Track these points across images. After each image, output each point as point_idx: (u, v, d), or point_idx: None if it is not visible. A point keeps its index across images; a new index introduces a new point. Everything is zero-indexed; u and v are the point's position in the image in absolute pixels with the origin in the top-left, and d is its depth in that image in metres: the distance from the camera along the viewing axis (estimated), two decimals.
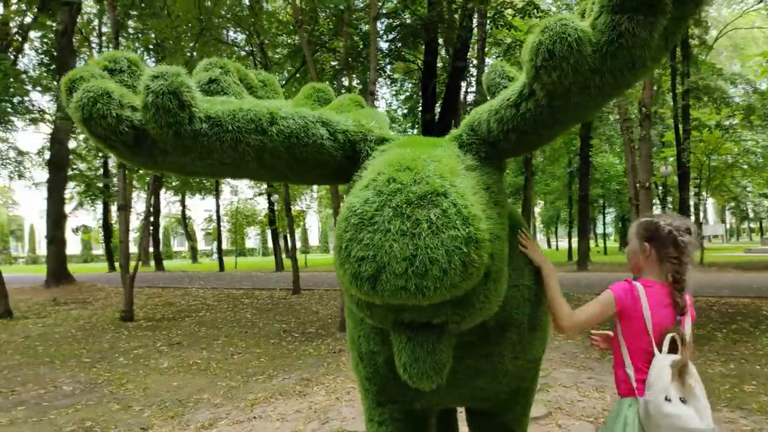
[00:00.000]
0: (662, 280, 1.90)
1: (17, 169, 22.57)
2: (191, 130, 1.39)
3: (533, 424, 4.04)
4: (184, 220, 35.66)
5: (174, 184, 29.14)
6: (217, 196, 29.24)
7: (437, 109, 14.04)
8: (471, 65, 15.21)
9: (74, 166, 23.57)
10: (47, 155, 19.74)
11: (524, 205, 18.47)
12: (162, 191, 29.95)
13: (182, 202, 34.55)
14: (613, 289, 1.89)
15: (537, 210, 41.37)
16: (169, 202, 37.67)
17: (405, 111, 19.98)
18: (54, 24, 16.53)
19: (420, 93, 14.67)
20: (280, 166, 1.50)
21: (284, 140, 1.46)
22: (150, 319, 11.37)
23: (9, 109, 15.19)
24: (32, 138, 24.00)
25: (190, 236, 38.88)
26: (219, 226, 29.95)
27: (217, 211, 29.63)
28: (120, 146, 1.44)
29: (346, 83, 15.23)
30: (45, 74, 19.01)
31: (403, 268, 1.17)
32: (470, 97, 16.88)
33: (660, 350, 1.81)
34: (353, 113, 1.85)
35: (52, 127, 18.36)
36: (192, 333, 9.58)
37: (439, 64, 14.98)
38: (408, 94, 19.47)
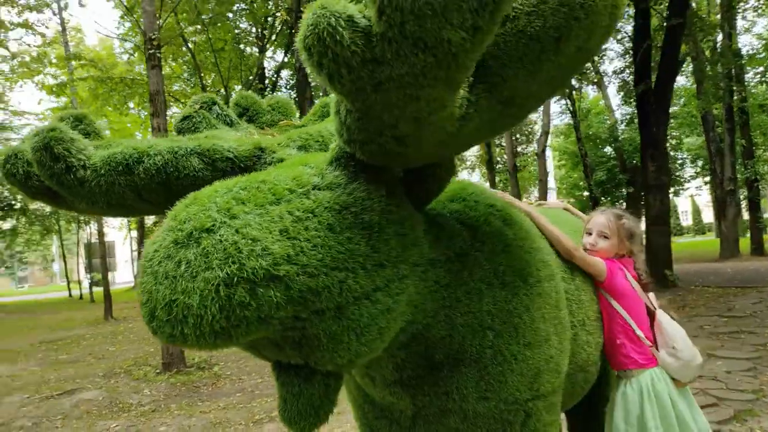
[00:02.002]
0: None
1: None
2: (74, 179, 1.50)
3: None
4: None
5: None
6: None
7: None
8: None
9: None
10: None
11: None
12: None
13: None
14: (606, 264, 2.17)
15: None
16: None
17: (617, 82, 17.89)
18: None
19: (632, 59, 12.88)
20: (162, 200, 1.52)
21: (152, 177, 1.48)
22: None
23: None
24: None
25: None
26: None
27: None
28: (40, 197, 1.66)
29: None
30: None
31: (166, 314, 1.09)
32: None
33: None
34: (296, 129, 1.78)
35: None
36: None
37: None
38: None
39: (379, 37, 0.99)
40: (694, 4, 12.47)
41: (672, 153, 26.40)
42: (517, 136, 30.53)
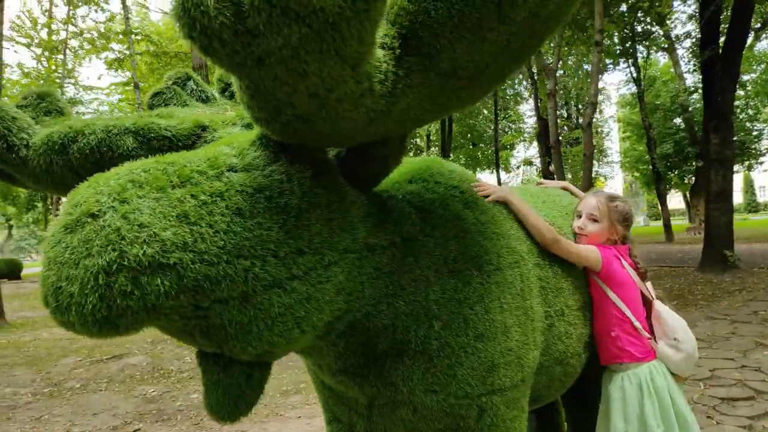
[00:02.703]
0: None
1: None
2: (16, 158, 1.50)
3: None
4: None
5: None
6: None
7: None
8: None
9: None
10: None
11: None
12: None
13: None
14: (601, 252, 2.00)
15: None
16: None
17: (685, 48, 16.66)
18: None
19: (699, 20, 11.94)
20: None
21: (87, 157, 1.46)
22: None
23: None
24: None
25: None
26: None
27: None
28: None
29: None
30: None
31: (54, 301, 1.06)
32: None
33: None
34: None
35: None
36: None
37: None
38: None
39: (249, 6, 0.90)
40: None
41: (748, 124, 24.62)
42: (566, 107, 29.34)
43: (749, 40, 12.68)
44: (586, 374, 2.14)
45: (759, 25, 13.33)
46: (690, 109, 22.16)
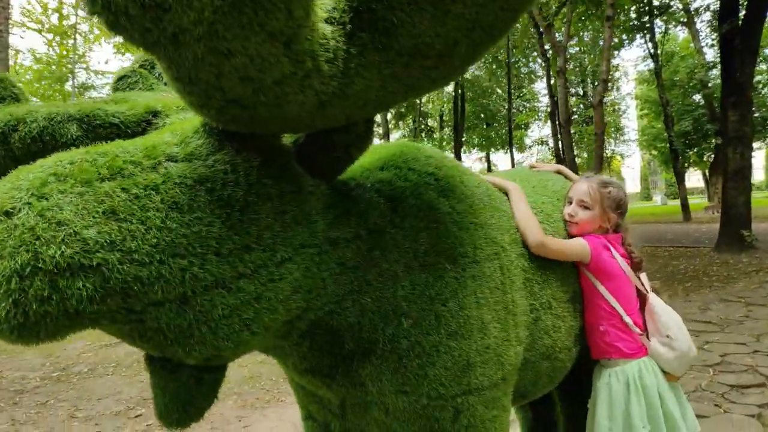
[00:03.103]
0: None
1: None
2: None
3: None
4: None
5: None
6: None
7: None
8: None
9: None
10: None
11: None
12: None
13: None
14: (588, 240, 1.89)
15: None
16: None
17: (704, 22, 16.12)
18: None
19: None
20: None
21: (29, 146, 1.37)
22: None
23: None
24: None
25: None
26: None
27: None
28: None
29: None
30: None
31: None
32: None
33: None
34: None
35: None
36: None
37: None
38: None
39: None
40: None
41: None
42: (581, 84, 28.79)
43: None
44: (581, 367, 2.03)
45: None
46: (710, 84, 21.56)
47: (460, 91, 24.95)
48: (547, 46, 16.39)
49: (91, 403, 5.17)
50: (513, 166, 29.95)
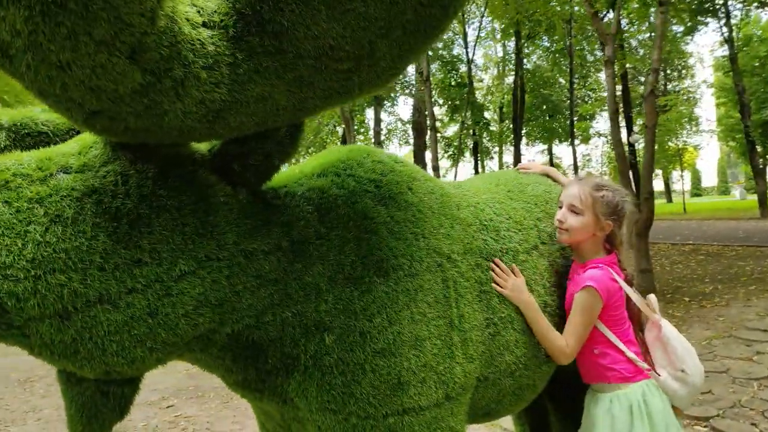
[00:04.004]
0: (602, 253, 1.82)
1: (403, 137, 26.98)
2: None
3: None
4: None
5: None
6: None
7: None
8: None
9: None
10: None
11: None
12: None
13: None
14: (595, 284, 1.68)
15: None
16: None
17: None
18: None
19: None
20: None
21: None
22: None
23: None
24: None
25: None
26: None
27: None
28: None
29: None
30: None
31: None
32: None
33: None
34: None
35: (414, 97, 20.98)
36: None
37: None
38: None
39: None
40: None
41: None
42: (643, 72, 27.30)
43: None
44: (572, 381, 1.90)
45: None
46: None
47: (519, 81, 24.29)
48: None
49: None
50: (575, 159, 28.93)
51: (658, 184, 48.66)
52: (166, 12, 0.90)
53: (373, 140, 21.64)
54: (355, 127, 22.49)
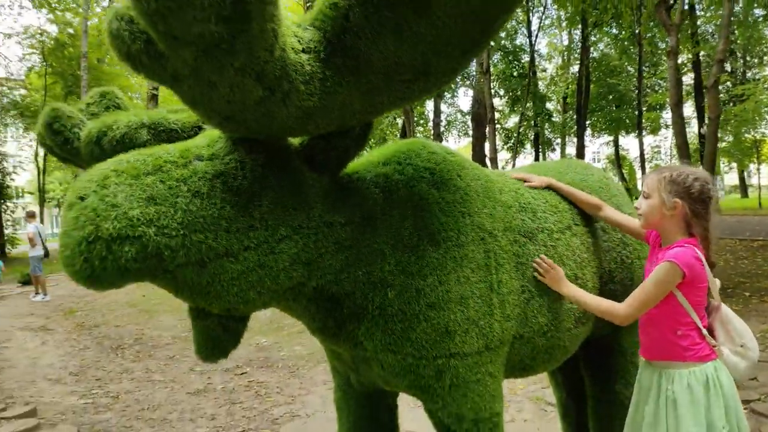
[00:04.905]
0: (685, 235, 1.86)
1: (463, 129, 26.97)
2: (71, 149, 1.91)
3: None
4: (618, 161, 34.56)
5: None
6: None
7: None
8: None
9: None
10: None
11: None
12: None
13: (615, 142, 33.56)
14: (676, 259, 1.76)
15: None
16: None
17: None
18: None
19: None
20: None
21: (114, 147, 1.79)
22: None
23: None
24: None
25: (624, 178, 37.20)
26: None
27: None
28: (67, 161, 2.12)
29: None
30: None
31: (61, 260, 1.42)
32: None
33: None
34: None
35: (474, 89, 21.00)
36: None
37: None
38: None
39: (154, 35, 1.16)
40: None
41: None
42: (730, 59, 25.92)
43: None
44: (605, 352, 2.19)
45: None
46: None
47: (585, 71, 23.76)
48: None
49: None
50: (642, 150, 28.00)
51: (732, 178, 46.11)
52: (280, 45, 1.26)
53: (432, 132, 21.83)
54: (415, 119, 22.72)
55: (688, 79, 23.73)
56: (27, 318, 9.35)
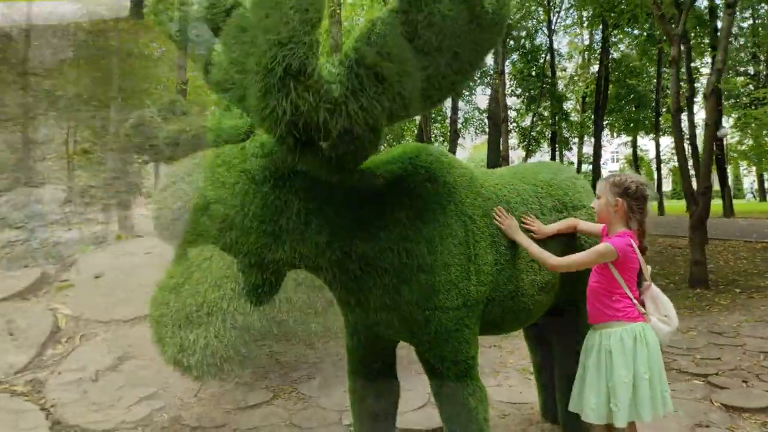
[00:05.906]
0: (624, 227, 2.43)
1: (480, 126, 27.35)
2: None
3: None
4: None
5: None
6: None
7: None
8: None
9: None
10: None
11: None
12: None
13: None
14: (613, 244, 2.36)
15: None
16: None
17: None
18: None
19: None
20: None
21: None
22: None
23: None
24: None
25: None
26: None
27: None
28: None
29: None
30: None
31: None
32: None
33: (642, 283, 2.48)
34: None
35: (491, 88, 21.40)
36: None
37: None
38: None
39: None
40: None
41: None
42: (752, 62, 25.87)
43: None
44: (568, 320, 2.75)
45: None
46: None
47: (604, 71, 23.97)
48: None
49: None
50: (658, 151, 28.15)
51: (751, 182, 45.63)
52: (326, 80, 1.81)
53: (449, 128, 22.27)
54: (432, 116, 23.17)
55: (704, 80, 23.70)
56: None
